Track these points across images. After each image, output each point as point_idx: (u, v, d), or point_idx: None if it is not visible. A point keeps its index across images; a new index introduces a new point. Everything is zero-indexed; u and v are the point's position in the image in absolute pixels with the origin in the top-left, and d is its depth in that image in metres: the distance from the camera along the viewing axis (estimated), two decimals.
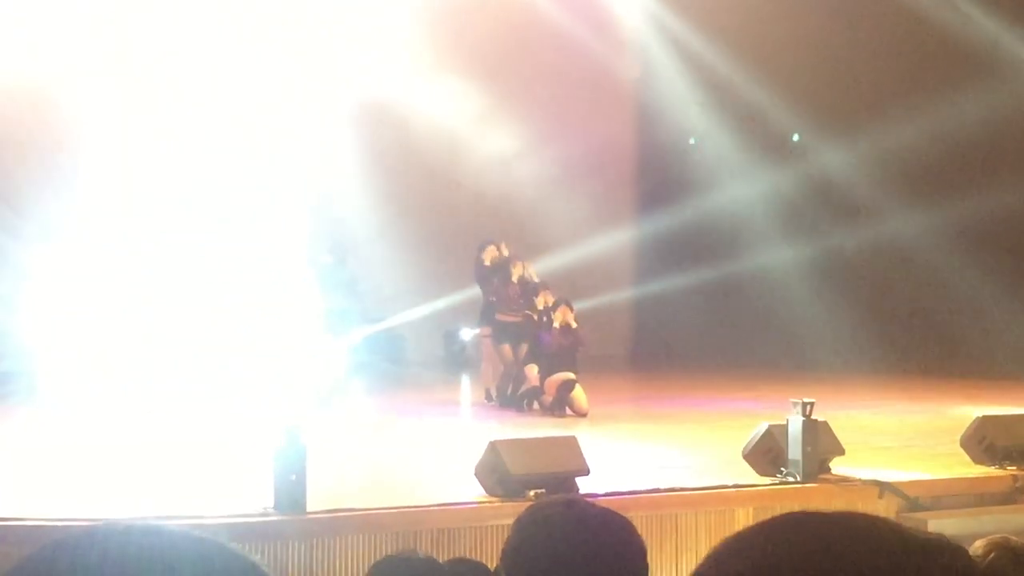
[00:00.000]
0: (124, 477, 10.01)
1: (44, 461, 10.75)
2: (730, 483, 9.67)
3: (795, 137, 20.64)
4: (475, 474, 9.12)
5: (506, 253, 15.43)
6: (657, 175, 21.76)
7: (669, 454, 11.38)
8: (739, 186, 20.48)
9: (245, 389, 14.44)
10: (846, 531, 1.26)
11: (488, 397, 15.19)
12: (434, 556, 7.29)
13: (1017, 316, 18.68)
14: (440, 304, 17.63)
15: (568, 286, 16.32)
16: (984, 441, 10.55)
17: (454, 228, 18.73)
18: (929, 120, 18.67)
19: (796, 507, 9.28)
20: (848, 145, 19.80)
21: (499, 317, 15.14)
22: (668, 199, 21.28)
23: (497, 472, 8.97)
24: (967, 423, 10.82)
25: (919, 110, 18.74)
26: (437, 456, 11.21)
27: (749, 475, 9.86)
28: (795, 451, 9.68)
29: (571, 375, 14.25)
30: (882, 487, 9.62)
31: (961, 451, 10.67)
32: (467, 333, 16.75)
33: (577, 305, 14.95)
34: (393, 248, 19.64)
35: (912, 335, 19.26)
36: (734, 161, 20.60)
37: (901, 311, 19.70)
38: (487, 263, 15.38)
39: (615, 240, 21.39)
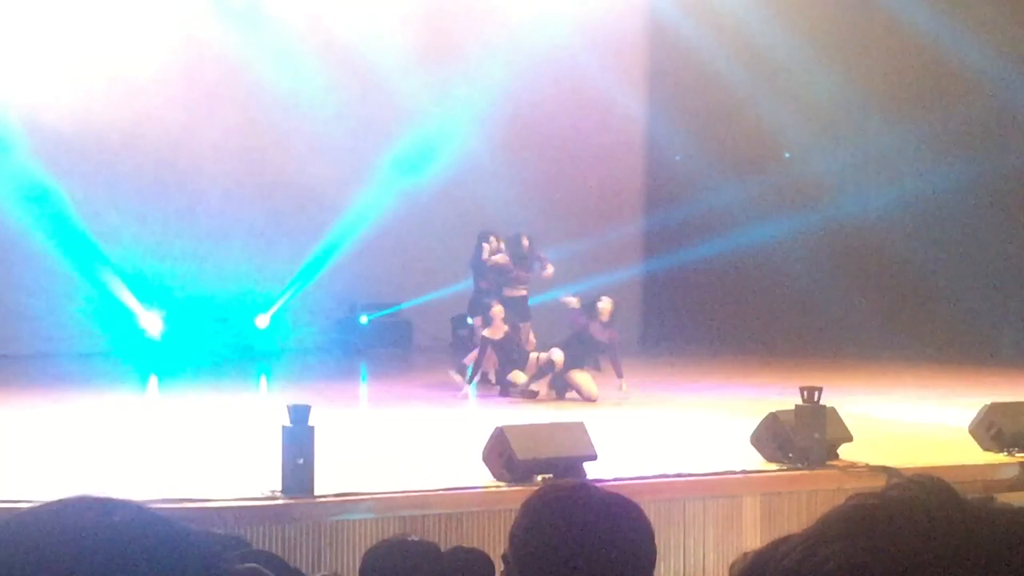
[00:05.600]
0: (133, 459, 10.03)
1: (51, 443, 10.77)
2: (737, 469, 9.67)
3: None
4: (482, 459, 9.12)
5: (502, 242, 15.42)
6: (665, 167, 21.74)
7: (676, 439, 11.38)
8: (745, 175, 20.45)
9: None
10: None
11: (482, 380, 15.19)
12: (441, 540, 7.31)
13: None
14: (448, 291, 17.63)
15: (577, 269, 16.33)
16: (993, 428, 10.53)
17: (460, 214, 18.71)
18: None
19: (804, 494, 9.33)
20: (855, 137, 19.81)
21: (506, 293, 15.08)
22: (678, 181, 21.27)
23: (504, 457, 8.98)
24: (976, 410, 10.81)
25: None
26: (444, 441, 11.22)
27: (757, 461, 9.86)
28: (803, 437, 9.67)
29: (558, 355, 14.19)
30: (890, 473, 9.59)
31: (970, 438, 10.66)
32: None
33: (584, 288, 14.92)
34: (400, 234, 19.64)
35: (921, 321, 19.23)
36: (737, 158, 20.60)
37: (911, 296, 19.66)
38: (486, 254, 15.37)
39: (625, 224, 21.39)
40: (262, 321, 18.87)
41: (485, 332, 14.57)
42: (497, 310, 14.54)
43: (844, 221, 19.87)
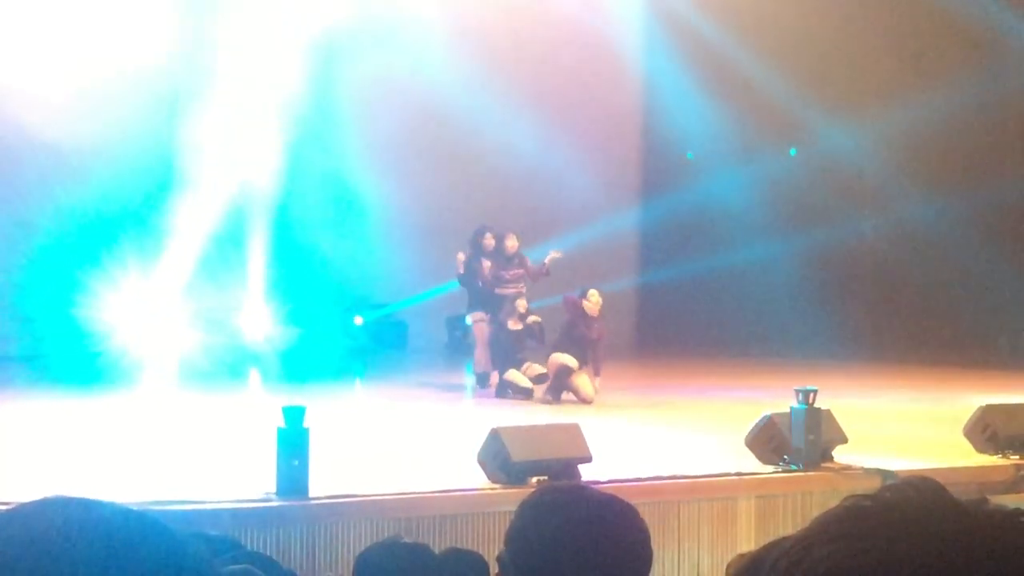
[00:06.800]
0: (126, 461, 10.02)
1: (45, 445, 10.76)
2: (732, 471, 9.67)
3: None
4: (477, 460, 9.11)
5: (493, 239, 15.41)
6: (662, 166, 21.74)
7: (672, 442, 11.38)
8: (743, 173, 20.43)
9: None
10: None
11: (482, 383, 15.12)
12: (436, 542, 7.31)
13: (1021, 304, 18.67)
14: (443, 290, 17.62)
15: (572, 272, 16.31)
16: (987, 430, 10.54)
17: (458, 213, 18.70)
18: (938, 103, 18.57)
19: (799, 496, 9.32)
20: (854, 130, 19.75)
21: (499, 291, 15.06)
22: (673, 186, 21.27)
23: (499, 459, 8.97)
24: (970, 412, 10.81)
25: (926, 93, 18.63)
26: (439, 442, 11.21)
27: (752, 463, 9.86)
28: (798, 439, 9.68)
29: (572, 361, 14.18)
30: (884, 476, 9.61)
31: (964, 440, 10.66)
32: (471, 317, 16.67)
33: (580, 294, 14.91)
34: (396, 232, 19.65)
35: (915, 323, 19.23)
36: (738, 151, 20.55)
37: (904, 299, 19.67)
38: (488, 249, 15.34)
39: (620, 226, 21.39)
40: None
41: (509, 324, 14.63)
42: (521, 303, 14.64)
43: (842, 235, 19.87)
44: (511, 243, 15.25)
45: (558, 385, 14.25)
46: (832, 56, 19.83)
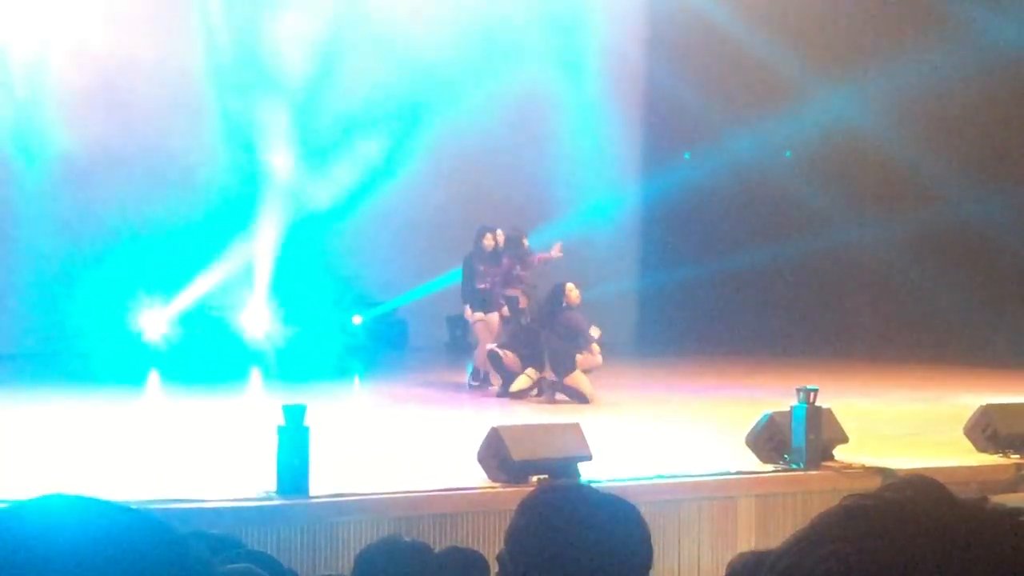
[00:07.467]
0: (126, 459, 10.02)
1: (45, 443, 10.76)
2: (733, 470, 9.67)
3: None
4: (477, 459, 9.11)
5: (503, 237, 15.42)
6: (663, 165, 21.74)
7: (672, 441, 11.38)
8: (743, 170, 20.41)
9: None
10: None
11: (478, 378, 15.14)
12: (436, 540, 7.31)
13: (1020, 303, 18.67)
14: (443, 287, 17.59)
15: (574, 272, 16.33)
16: (988, 429, 10.55)
17: (457, 211, 18.70)
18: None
19: (799, 495, 9.30)
20: (854, 124, 19.75)
21: (509, 292, 15.12)
22: (674, 184, 21.25)
23: (499, 457, 8.97)
24: (971, 411, 10.82)
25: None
26: (440, 441, 11.21)
27: (752, 462, 9.87)
28: (798, 438, 9.69)
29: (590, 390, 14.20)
30: (885, 475, 9.61)
31: (964, 439, 10.66)
32: (473, 317, 16.63)
33: (583, 291, 14.93)
34: (395, 230, 19.65)
35: (916, 322, 19.22)
36: (737, 148, 20.53)
37: (904, 298, 19.66)
38: (488, 249, 15.35)
39: (620, 225, 21.38)
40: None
41: (520, 321, 14.74)
42: (523, 300, 14.74)
43: (842, 233, 19.85)
44: (527, 243, 15.46)
45: (556, 385, 14.24)
46: (834, 37, 19.80)
